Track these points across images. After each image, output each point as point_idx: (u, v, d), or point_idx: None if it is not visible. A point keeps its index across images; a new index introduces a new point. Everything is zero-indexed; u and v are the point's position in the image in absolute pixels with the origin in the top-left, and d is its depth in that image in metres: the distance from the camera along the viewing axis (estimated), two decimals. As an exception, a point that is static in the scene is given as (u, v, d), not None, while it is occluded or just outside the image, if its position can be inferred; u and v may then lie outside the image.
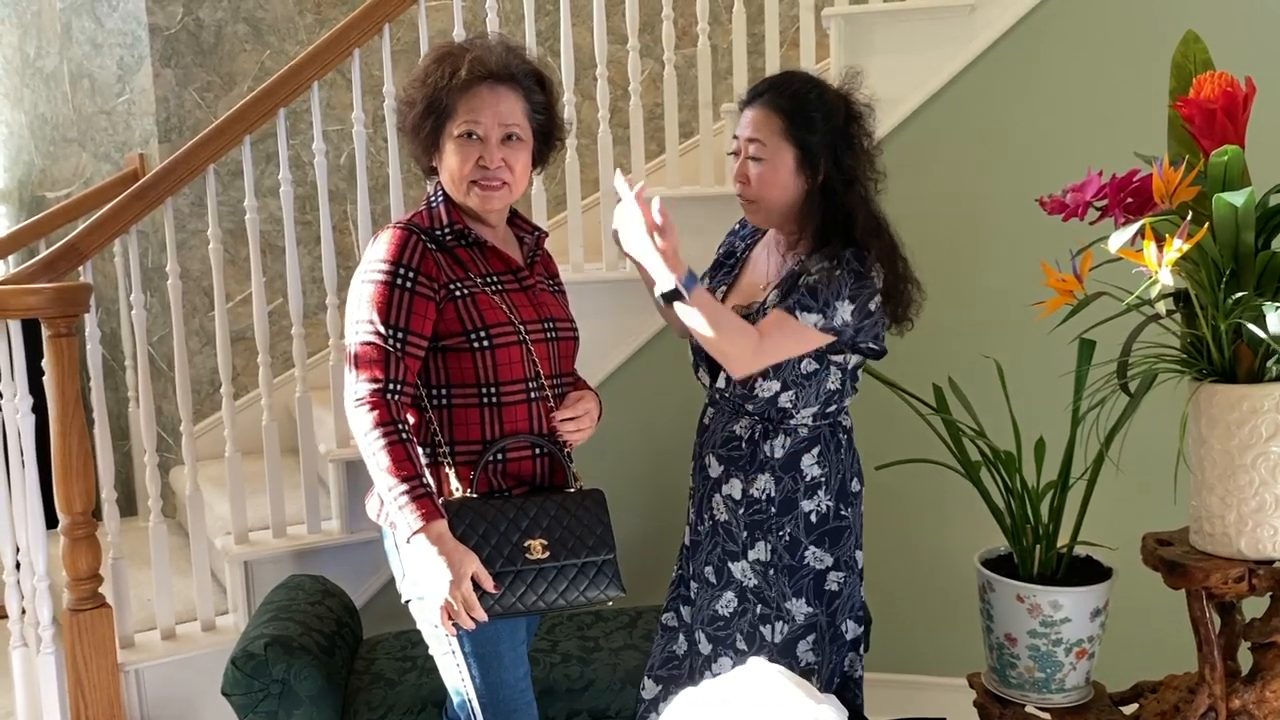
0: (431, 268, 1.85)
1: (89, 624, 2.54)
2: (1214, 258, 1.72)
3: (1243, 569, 1.77)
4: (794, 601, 2.01)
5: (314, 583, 2.64)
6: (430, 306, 1.84)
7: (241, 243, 3.66)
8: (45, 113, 4.05)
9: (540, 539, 1.86)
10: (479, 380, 1.88)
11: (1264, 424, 1.73)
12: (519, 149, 1.91)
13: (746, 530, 2.03)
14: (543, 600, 1.85)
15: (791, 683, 1.63)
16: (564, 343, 1.99)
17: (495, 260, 1.95)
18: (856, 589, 2.07)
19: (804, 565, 2.01)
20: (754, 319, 2.00)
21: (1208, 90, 1.73)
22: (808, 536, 2.01)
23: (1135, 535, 1.98)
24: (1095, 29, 2.77)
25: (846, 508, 2.04)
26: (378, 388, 1.80)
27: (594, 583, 1.91)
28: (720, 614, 2.07)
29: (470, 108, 1.86)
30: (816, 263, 1.95)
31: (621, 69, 3.47)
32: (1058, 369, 2.16)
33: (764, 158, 1.97)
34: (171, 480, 3.62)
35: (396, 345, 1.81)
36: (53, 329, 2.47)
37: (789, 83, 2.00)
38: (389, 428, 1.78)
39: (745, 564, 2.04)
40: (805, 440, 2.02)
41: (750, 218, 2.07)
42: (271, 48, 3.76)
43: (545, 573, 1.86)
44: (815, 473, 2.02)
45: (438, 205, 1.93)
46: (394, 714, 2.36)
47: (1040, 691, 2.02)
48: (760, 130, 1.97)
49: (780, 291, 1.99)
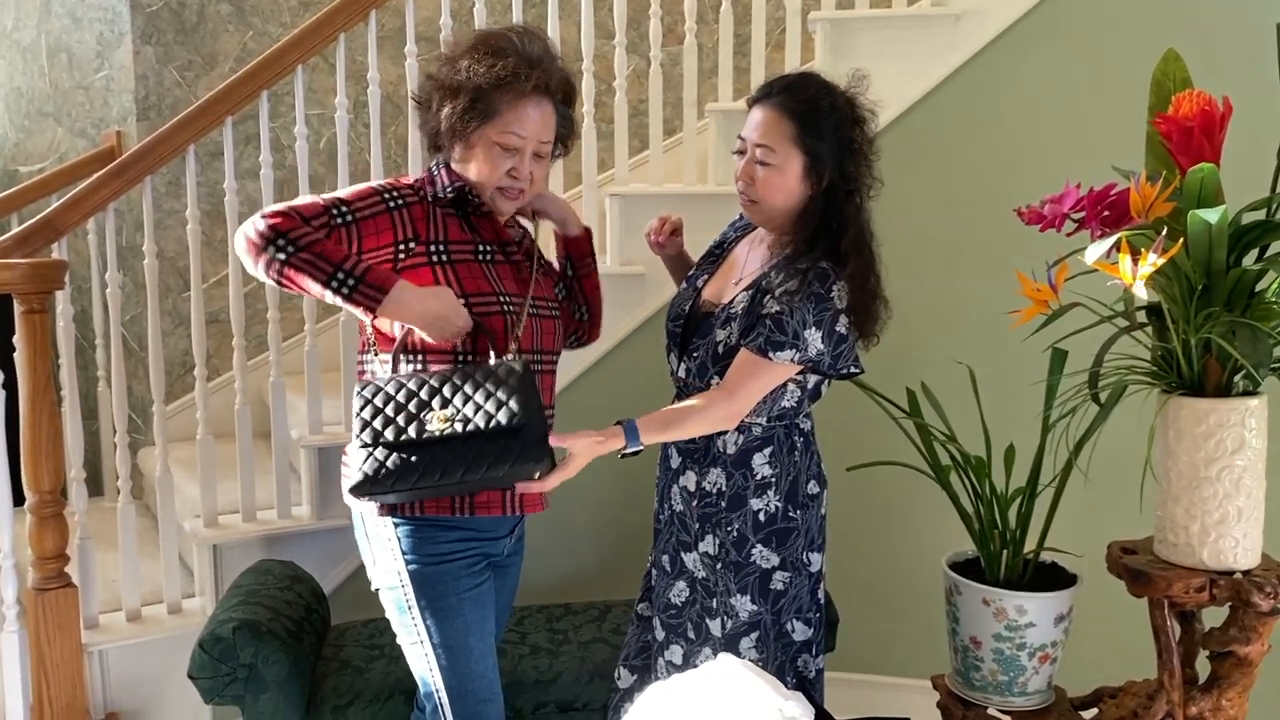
0: (420, 216, 1.86)
1: (53, 604, 2.52)
2: (1187, 273, 1.75)
3: (1204, 579, 1.80)
4: (738, 598, 2.02)
5: (283, 568, 2.63)
6: (387, 235, 1.82)
7: (217, 224, 3.63)
8: (21, 86, 4.00)
9: (443, 410, 1.75)
10: (456, 348, 1.86)
11: (1229, 438, 1.76)
12: (544, 162, 1.94)
13: (698, 522, 2.04)
14: (450, 477, 1.73)
15: (759, 677, 1.64)
16: (546, 320, 1.99)
17: (487, 229, 1.94)
18: (804, 590, 2.05)
19: (750, 563, 2.01)
20: (714, 321, 2.01)
21: (1186, 108, 1.76)
22: (755, 535, 2.01)
23: (1101, 543, 2.01)
24: (1078, 44, 2.81)
25: (796, 509, 2.03)
26: (292, 213, 1.74)
27: (506, 451, 1.74)
28: (673, 602, 2.10)
29: (518, 120, 1.85)
30: (781, 280, 1.94)
31: (606, 64, 3.47)
32: (1030, 377, 2.19)
33: (772, 163, 1.94)
34: (140, 461, 3.59)
35: (336, 218, 1.78)
36: (25, 305, 2.45)
37: (804, 87, 1.96)
38: (301, 228, 1.72)
39: (696, 555, 2.06)
40: (758, 440, 2.01)
41: (749, 216, 2.06)
42: (254, 29, 3.73)
43: (449, 444, 1.74)
44: (766, 472, 2.02)
45: (440, 173, 1.92)
46: (360, 701, 2.36)
47: (1003, 694, 2.05)
48: (770, 135, 1.94)
49: (748, 295, 1.99)
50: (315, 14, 2.89)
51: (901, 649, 3.03)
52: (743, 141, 2.00)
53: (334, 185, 3.65)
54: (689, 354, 2.03)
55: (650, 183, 3.07)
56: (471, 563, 1.91)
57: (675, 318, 2.11)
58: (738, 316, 1.97)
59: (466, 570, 1.90)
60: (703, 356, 2.00)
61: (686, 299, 2.12)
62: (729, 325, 1.98)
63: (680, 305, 2.12)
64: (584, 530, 3.08)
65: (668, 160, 3.25)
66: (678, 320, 2.10)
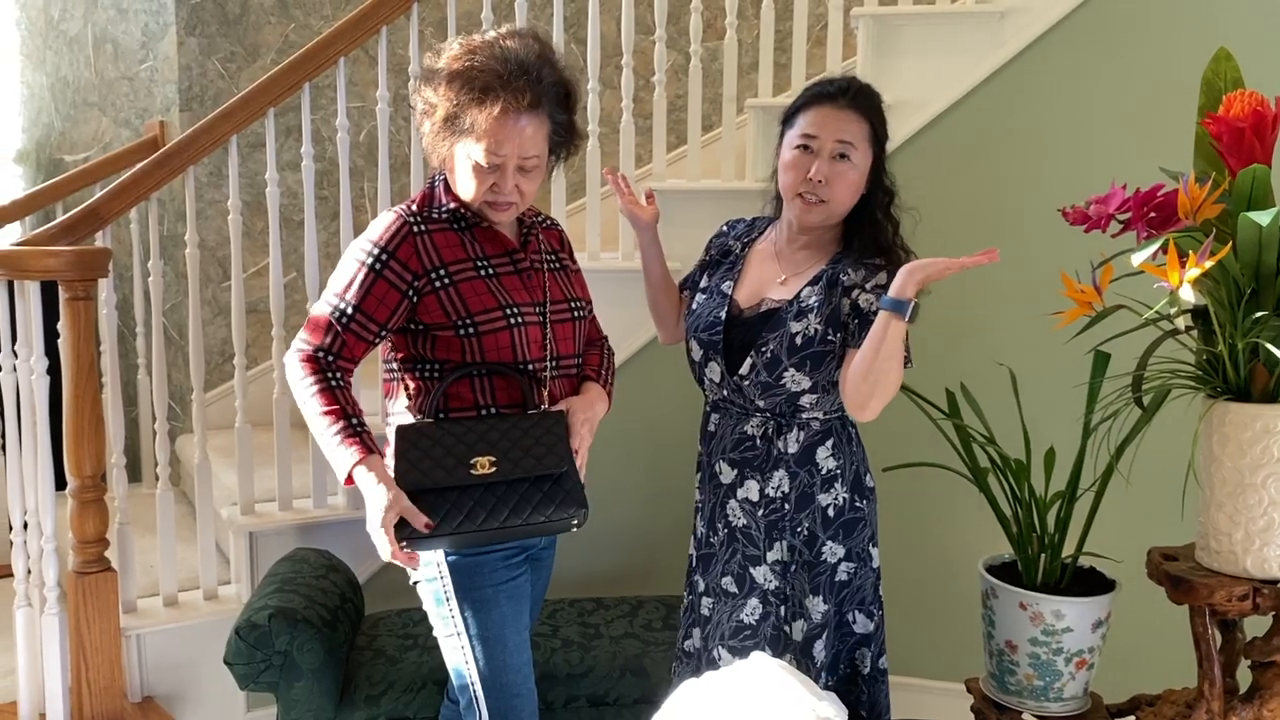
0: (410, 255, 1.84)
1: (93, 587, 2.55)
2: (1235, 276, 1.72)
3: (1247, 587, 1.77)
4: (812, 599, 2.01)
5: (319, 557, 2.65)
6: (394, 295, 1.83)
7: (258, 215, 3.67)
8: (67, 75, 4.06)
9: (488, 455, 1.81)
10: (477, 401, 1.89)
11: (1276, 444, 1.73)
12: (534, 174, 1.88)
13: (764, 532, 2.03)
14: (494, 520, 1.80)
15: (793, 677, 1.64)
16: (560, 325, 1.96)
17: (489, 243, 1.92)
18: (868, 583, 2.06)
19: (821, 560, 2.01)
20: (763, 319, 2.01)
21: (1237, 109, 1.72)
22: (824, 531, 2.01)
23: (1141, 549, 1.99)
24: (1126, 41, 2.77)
25: (862, 499, 2.05)
26: (310, 350, 1.84)
27: (548, 498, 1.83)
28: (746, 623, 2.04)
29: (495, 139, 1.80)
30: (864, 275, 1.97)
31: (646, 59, 3.47)
32: (1071, 379, 2.17)
33: (853, 160, 1.98)
34: (178, 449, 3.63)
35: (342, 321, 1.83)
36: (70, 292, 2.48)
37: (870, 92, 2.03)
38: (319, 376, 1.82)
39: (765, 567, 2.03)
40: (819, 434, 2.02)
41: (806, 216, 2.02)
42: (296, 21, 3.76)
43: (493, 489, 1.81)
44: (830, 465, 2.02)
45: (438, 187, 1.93)
46: (394, 691, 2.37)
47: (1038, 699, 2.03)
48: (853, 134, 1.97)
49: (817, 289, 1.99)
50: (357, 7, 2.91)
51: (936, 651, 3.01)
52: (812, 139, 1.99)
53: (374, 177, 3.67)
54: (758, 350, 2.00)
55: (688, 179, 3.06)
56: (509, 554, 1.92)
57: (709, 326, 2.07)
58: (814, 309, 1.98)
59: (504, 562, 1.91)
60: (776, 350, 1.98)
61: (719, 306, 2.08)
62: (804, 318, 1.98)
63: (714, 313, 2.08)
64: (617, 525, 3.09)
65: (706, 156, 3.24)
66: (714, 328, 2.06)
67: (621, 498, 3.01)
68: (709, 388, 2.11)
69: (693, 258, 2.32)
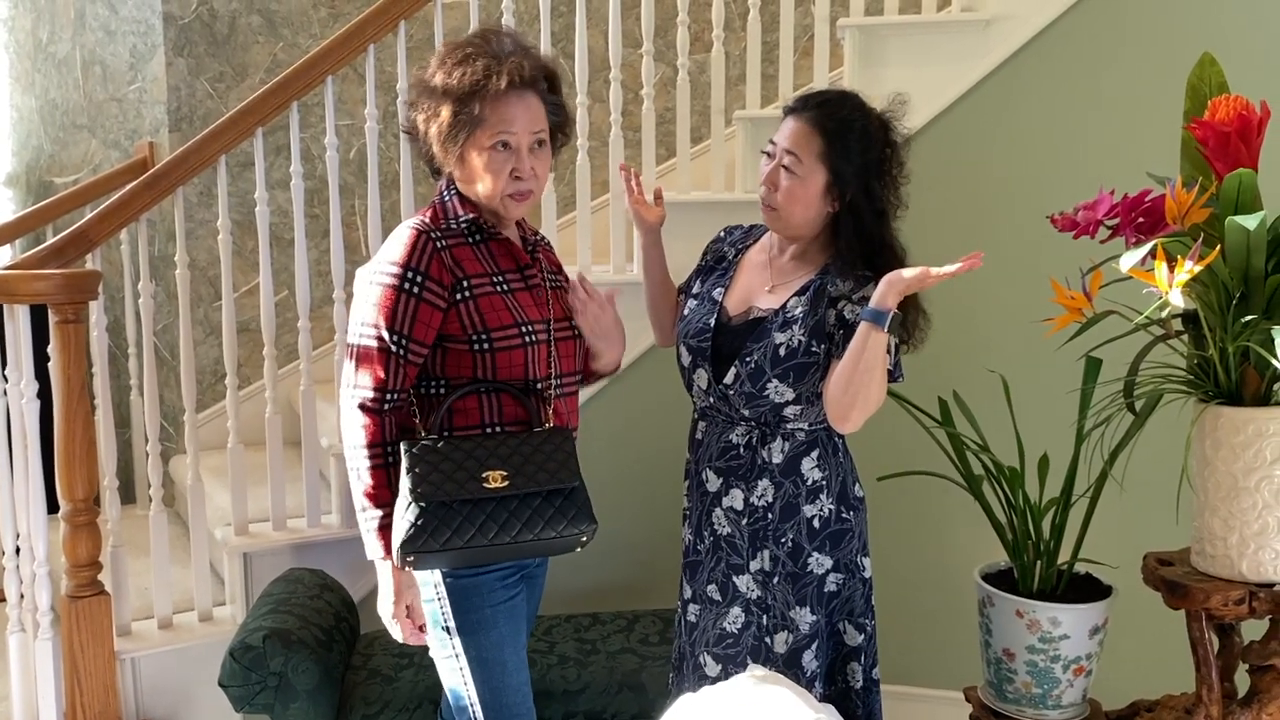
0: (440, 271, 1.84)
1: (87, 611, 2.54)
2: (1224, 280, 1.73)
3: (1243, 591, 1.77)
4: (798, 610, 2.01)
5: (313, 576, 2.64)
6: (436, 315, 1.84)
7: (248, 234, 3.66)
8: (56, 98, 4.06)
9: (500, 470, 1.81)
10: (484, 420, 1.89)
11: (1269, 447, 1.73)
12: (544, 154, 1.92)
13: (748, 541, 2.02)
14: (507, 534, 1.80)
15: (789, 690, 1.63)
16: (564, 343, 1.97)
17: (504, 258, 1.93)
18: (858, 595, 2.05)
19: (807, 572, 2.01)
20: (750, 328, 2.01)
21: (1222, 113, 1.73)
22: (810, 542, 2.00)
23: (1136, 554, 1.99)
24: (1111, 48, 2.78)
25: (848, 510, 2.03)
26: (377, 394, 1.82)
27: (560, 512, 1.84)
28: (728, 631, 2.05)
29: (504, 118, 1.84)
30: (852, 286, 1.96)
31: (634, 73, 3.48)
32: (1063, 386, 2.17)
33: (797, 173, 1.97)
34: (171, 470, 3.62)
35: (400, 351, 1.82)
36: (60, 315, 2.47)
37: (840, 106, 2.00)
38: (377, 449, 1.83)
39: (748, 576, 2.03)
40: (804, 444, 2.01)
41: (767, 222, 2.07)
42: (285, 40, 3.76)
43: (506, 503, 1.81)
44: (816, 476, 2.01)
45: (450, 199, 1.92)
46: (390, 710, 2.36)
47: (1037, 707, 2.03)
48: (799, 145, 1.97)
49: (803, 300, 1.99)
50: (345, 25, 2.91)
51: (933, 660, 3.00)
52: (773, 145, 2.02)
53: (364, 195, 3.67)
54: (741, 360, 2.00)
55: (678, 191, 3.07)
56: (506, 574, 1.91)
57: (699, 333, 2.08)
58: (798, 320, 1.98)
59: (501, 582, 1.90)
60: (759, 360, 1.98)
61: (708, 313, 2.09)
62: (789, 329, 1.98)
63: (704, 320, 2.09)
64: (611, 540, 3.07)
65: (695, 168, 3.24)
66: (702, 335, 2.07)
67: (617, 512, 3.00)
68: (696, 395, 2.11)
69: (683, 268, 2.32)
